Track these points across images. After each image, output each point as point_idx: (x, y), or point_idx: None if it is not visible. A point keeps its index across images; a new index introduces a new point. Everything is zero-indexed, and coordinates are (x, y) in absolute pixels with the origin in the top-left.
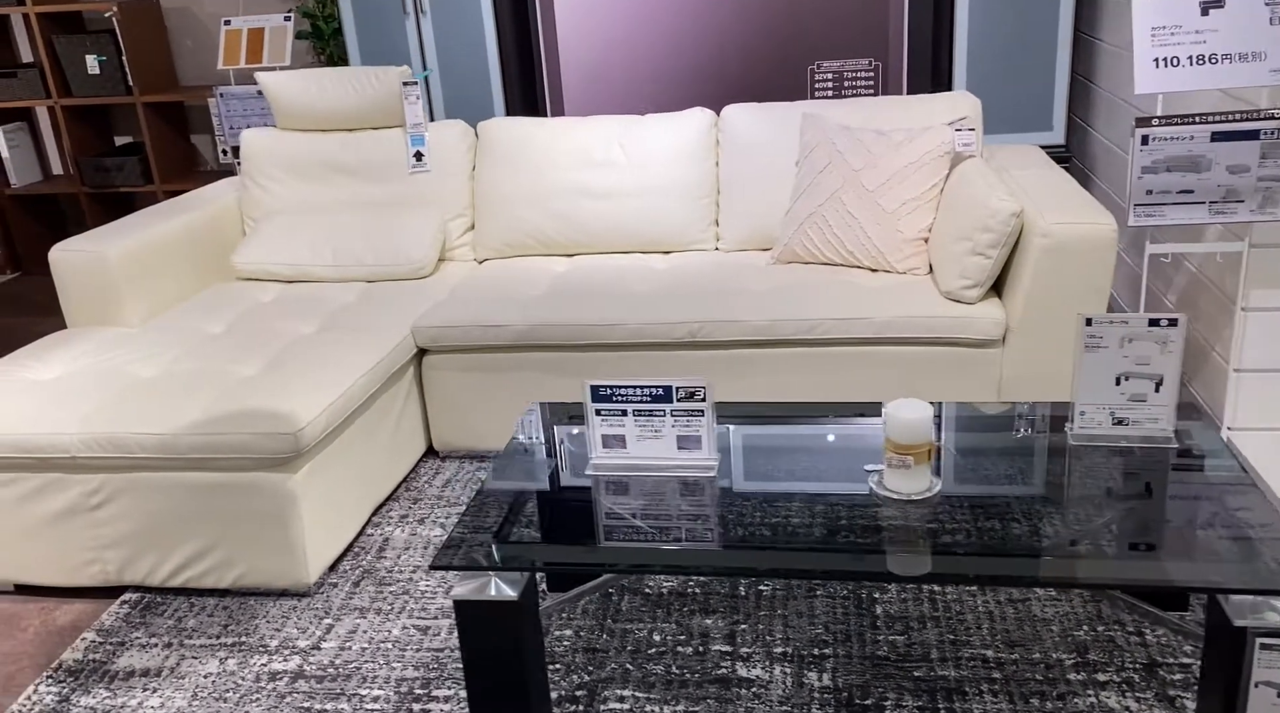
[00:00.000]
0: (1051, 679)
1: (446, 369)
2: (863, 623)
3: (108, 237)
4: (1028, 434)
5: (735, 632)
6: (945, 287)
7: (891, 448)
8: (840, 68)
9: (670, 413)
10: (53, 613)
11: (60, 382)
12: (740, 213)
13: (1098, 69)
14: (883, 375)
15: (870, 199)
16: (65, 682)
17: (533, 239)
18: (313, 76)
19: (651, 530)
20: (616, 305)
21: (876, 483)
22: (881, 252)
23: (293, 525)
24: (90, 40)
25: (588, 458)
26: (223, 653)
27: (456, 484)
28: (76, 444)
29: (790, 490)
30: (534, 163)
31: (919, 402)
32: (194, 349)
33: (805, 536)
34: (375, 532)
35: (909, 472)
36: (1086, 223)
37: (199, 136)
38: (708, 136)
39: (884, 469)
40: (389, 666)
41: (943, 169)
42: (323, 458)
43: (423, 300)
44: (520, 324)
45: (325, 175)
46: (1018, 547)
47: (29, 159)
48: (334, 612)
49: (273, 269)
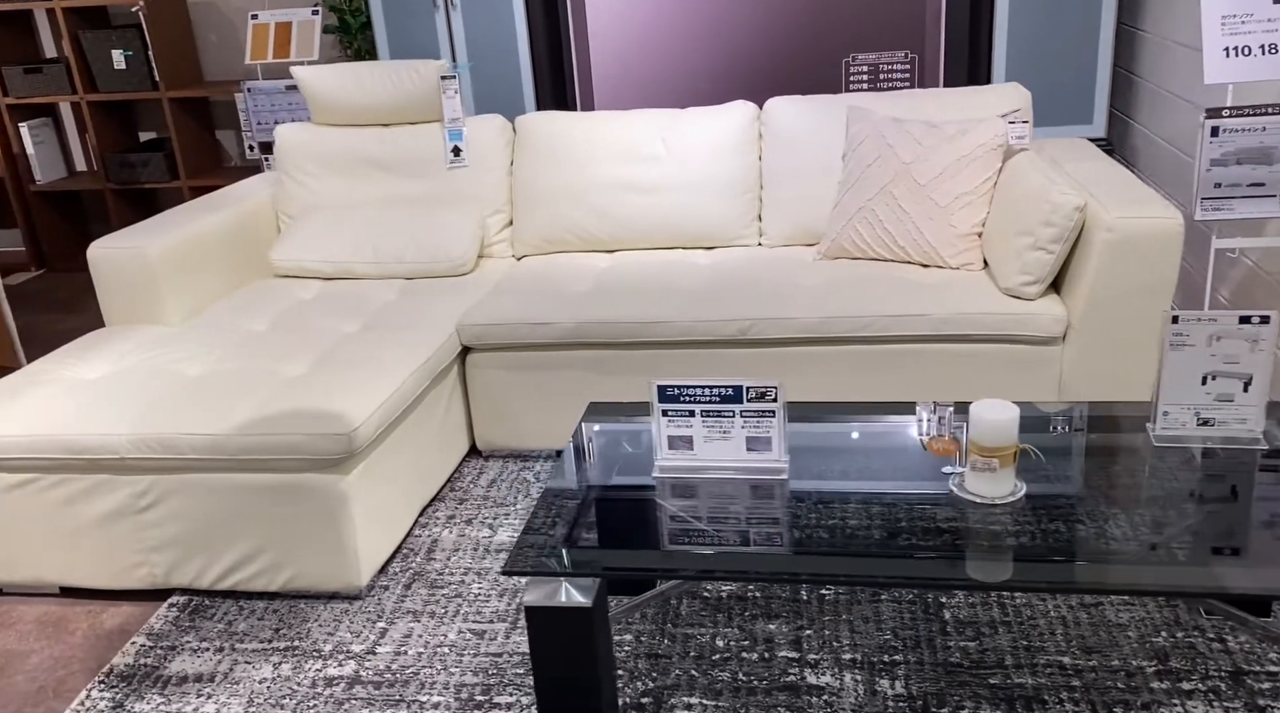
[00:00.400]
0: (1134, 688)
1: (490, 367)
2: (931, 629)
3: (146, 233)
4: (1107, 435)
5: (800, 638)
6: (1005, 283)
7: (976, 450)
8: (875, 60)
9: (740, 414)
10: (100, 616)
11: (106, 381)
12: (784, 207)
13: (1141, 60)
14: (938, 374)
15: (922, 193)
16: (118, 687)
17: (572, 235)
18: (349, 70)
19: (724, 535)
20: (664, 302)
21: (957, 486)
22: (934, 247)
23: (345, 527)
24: (116, 35)
25: (652, 459)
26: (276, 658)
27: (502, 485)
28: (126, 445)
29: (865, 493)
30: (574, 157)
31: (1005, 403)
32: (238, 348)
33: (888, 541)
34: (423, 533)
35: (994, 475)
36: (1153, 217)
37: (223, 132)
38: (750, 130)
39: (965, 471)
40: (447, 671)
41: (996, 162)
42: (374, 458)
43: (464, 298)
44: (567, 322)
45: (362, 171)
46: (1106, 553)
47: (54, 155)
48: (386, 615)
49: (312, 266)
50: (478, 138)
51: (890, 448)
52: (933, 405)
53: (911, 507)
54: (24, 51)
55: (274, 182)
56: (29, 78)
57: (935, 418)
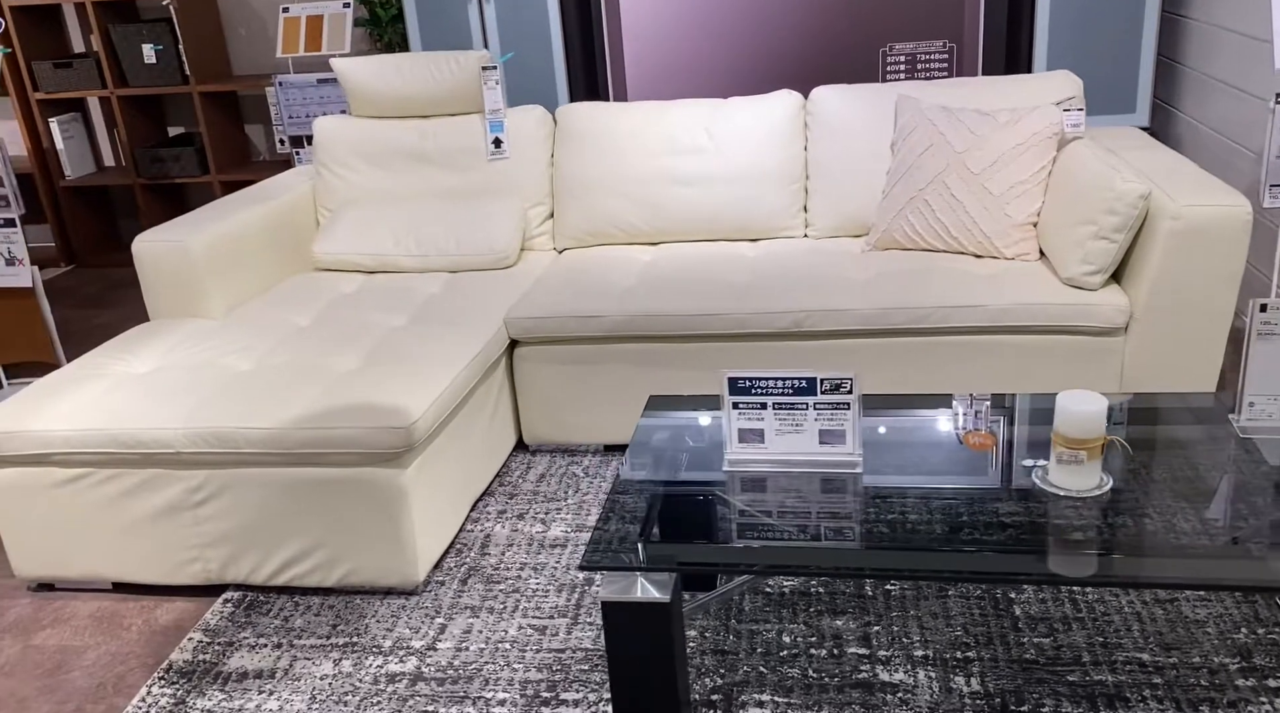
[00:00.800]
0: (1218, 685)
1: (538, 361)
2: (1003, 625)
3: (188, 227)
4: (1188, 427)
5: (869, 634)
6: (1066, 273)
7: (1062, 442)
8: (913, 50)
9: (813, 406)
10: (154, 612)
11: (156, 375)
12: (831, 198)
13: (1186, 48)
14: (998, 365)
15: (976, 182)
16: (178, 683)
17: (615, 227)
18: (389, 62)
19: (802, 530)
20: (715, 295)
21: (1041, 479)
22: (989, 236)
23: (403, 522)
24: (146, 29)
25: (721, 453)
26: (335, 654)
27: (551, 479)
28: (181, 439)
29: (943, 486)
30: (616, 149)
31: (1092, 394)
32: (285, 342)
33: (975, 536)
34: (475, 528)
35: (1080, 468)
36: (1220, 205)
37: (252, 126)
38: (796, 120)
39: (1050, 464)
40: (510, 667)
41: (1051, 151)
42: (429, 452)
43: (510, 291)
44: (617, 315)
45: (402, 163)
46: (1198, 548)
47: (83, 150)
48: (445, 611)
49: (355, 259)
50: (518, 129)
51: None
52: (969, 399)
53: (994, 501)
54: (53, 46)
55: (312, 175)
56: (59, 72)
57: (972, 411)
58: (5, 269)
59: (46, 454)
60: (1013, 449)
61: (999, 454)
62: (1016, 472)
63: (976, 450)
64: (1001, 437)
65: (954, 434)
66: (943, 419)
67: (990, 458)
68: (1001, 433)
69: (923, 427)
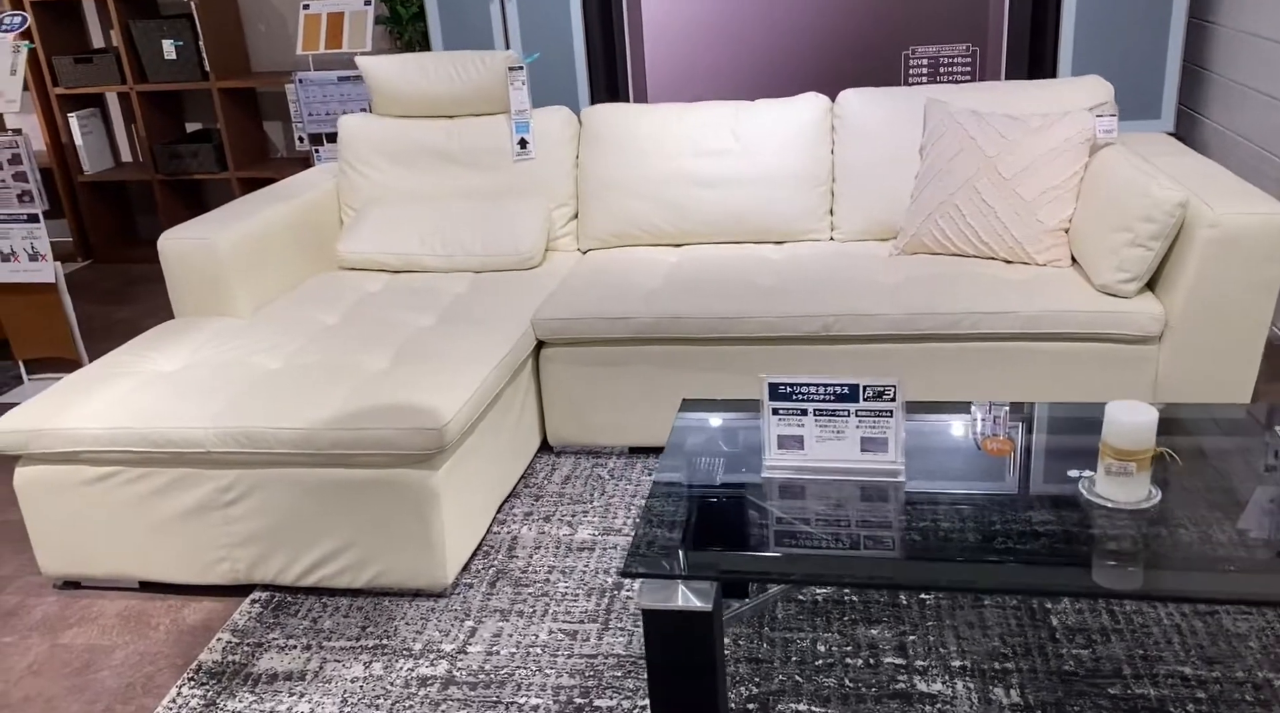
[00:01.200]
0: (1264, 701)
1: (563, 362)
2: (1040, 636)
3: (214, 224)
4: (1235, 438)
5: (905, 643)
6: (1100, 280)
7: (1111, 453)
8: (936, 53)
9: (855, 413)
10: (181, 611)
11: (184, 373)
12: (857, 201)
13: (1213, 54)
14: (1028, 372)
15: (1007, 187)
16: (208, 684)
17: (639, 229)
18: (414, 61)
19: (845, 539)
20: (742, 298)
21: (1088, 490)
22: (1020, 242)
23: (434, 524)
24: (167, 25)
25: (758, 458)
26: (365, 656)
27: (576, 481)
28: (212, 439)
29: (986, 495)
30: (641, 150)
31: (1142, 404)
32: (314, 341)
33: (1025, 548)
34: (501, 530)
35: (1129, 480)
36: (1259, 213)
37: (270, 123)
38: (823, 122)
39: (1097, 475)
40: (542, 672)
41: (1083, 156)
42: (460, 454)
43: (535, 292)
44: (645, 316)
45: (427, 162)
46: (1254, 562)
47: (101, 146)
48: (474, 614)
49: (380, 259)
50: (543, 130)
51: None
52: (988, 404)
53: (1039, 511)
54: (73, 42)
55: (335, 173)
56: (79, 68)
57: (991, 417)
58: (28, 264)
59: (76, 452)
60: (1055, 458)
61: (1041, 464)
62: (1062, 482)
63: (995, 455)
64: (1038, 445)
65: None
66: (976, 425)
67: (1034, 468)
68: (1035, 441)
69: (959, 433)
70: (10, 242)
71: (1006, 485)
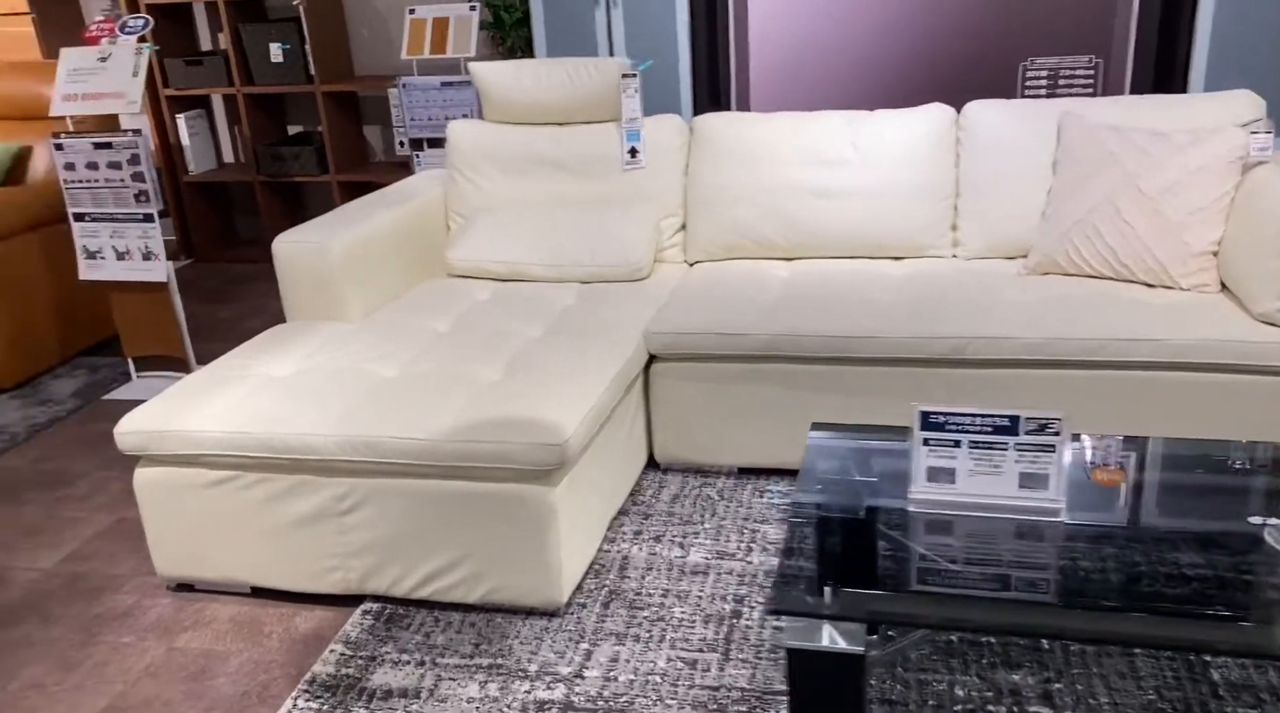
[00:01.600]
0: None
1: (674, 378)
2: (1200, 691)
3: (326, 229)
4: None
5: (1050, 691)
6: (1259, 308)
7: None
8: (1056, 65)
9: (1014, 446)
10: (292, 619)
11: (298, 379)
12: (983, 217)
13: None
14: (1174, 405)
15: (1150, 207)
16: (323, 697)
17: (750, 241)
18: (526, 67)
19: (1007, 584)
20: (864, 316)
21: (1275, 539)
22: (1164, 265)
23: (550, 541)
24: (274, 29)
25: (900, 488)
26: (481, 676)
27: (685, 501)
28: (331, 446)
29: (1158, 537)
30: (755, 160)
31: None
32: (427, 349)
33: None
34: (611, 548)
35: None
36: None
37: (370, 127)
38: (948, 134)
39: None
40: (663, 703)
41: (1234, 176)
42: (577, 470)
43: (644, 304)
44: (762, 333)
45: (536, 170)
46: None
47: (206, 146)
48: (589, 636)
49: (488, 266)
50: (654, 138)
51: (1173, 487)
52: (1099, 434)
53: (1222, 558)
54: (183, 44)
55: (444, 179)
56: (189, 69)
57: (1103, 446)
58: (142, 263)
59: (197, 455)
60: (1229, 501)
61: (1213, 506)
62: (1239, 523)
63: (1105, 486)
64: (1207, 485)
65: (1153, 480)
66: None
67: (1206, 508)
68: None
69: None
70: (126, 241)
71: (1177, 525)
